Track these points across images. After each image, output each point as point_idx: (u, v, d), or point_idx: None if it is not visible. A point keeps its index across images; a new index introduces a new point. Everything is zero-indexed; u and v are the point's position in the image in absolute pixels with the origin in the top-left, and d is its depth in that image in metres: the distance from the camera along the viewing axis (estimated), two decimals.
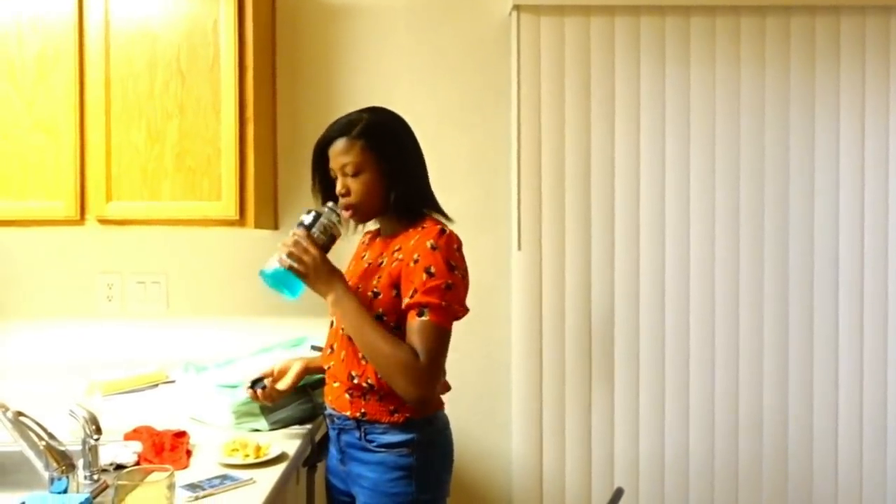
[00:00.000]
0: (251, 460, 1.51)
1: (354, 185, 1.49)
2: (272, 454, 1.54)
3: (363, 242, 1.69)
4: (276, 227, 2.33)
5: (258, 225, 2.08)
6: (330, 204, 1.50)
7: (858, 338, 2.31)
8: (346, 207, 1.51)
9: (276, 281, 1.46)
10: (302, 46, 2.35)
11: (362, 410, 1.49)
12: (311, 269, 1.43)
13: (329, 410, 1.58)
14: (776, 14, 2.29)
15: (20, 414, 1.31)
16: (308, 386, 1.88)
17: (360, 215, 1.53)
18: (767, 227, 2.31)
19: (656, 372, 2.31)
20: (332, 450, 1.62)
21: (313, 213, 1.48)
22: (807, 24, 2.30)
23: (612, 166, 2.30)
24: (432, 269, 1.41)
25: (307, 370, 1.69)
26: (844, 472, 2.31)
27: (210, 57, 2.00)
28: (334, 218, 1.49)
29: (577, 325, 2.30)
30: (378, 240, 1.61)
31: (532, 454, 2.30)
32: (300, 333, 2.22)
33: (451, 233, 1.47)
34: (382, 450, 1.47)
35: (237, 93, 2.01)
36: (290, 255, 1.43)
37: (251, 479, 1.43)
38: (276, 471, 1.49)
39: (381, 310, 1.46)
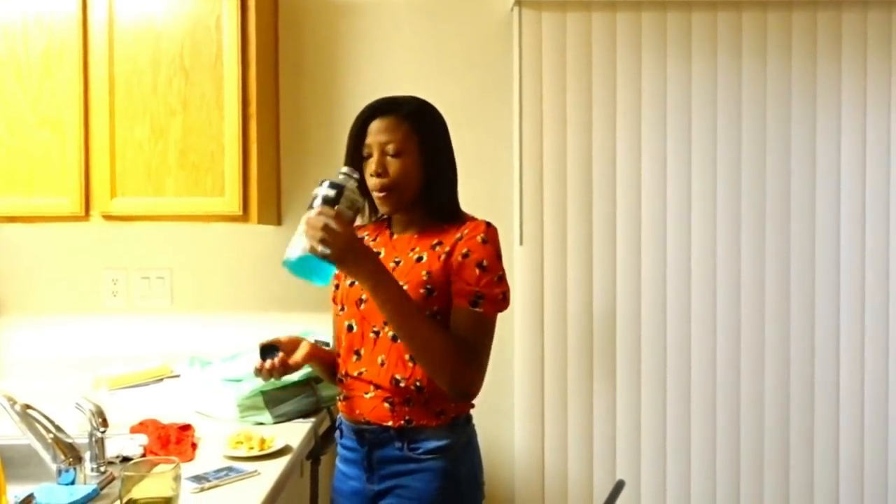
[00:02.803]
0: (256, 453, 1.52)
1: (394, 165, 1.38)
2: (276, 447, 1.56)
3: (383, 239, 1.52)
4: (279, 222, 2.34)
5: (261, 220, 2.09)
6: (345, 170, 1.31)
7: (859, 334, 2.32)
8: (381, 188, 1.39)
9: (304, 269, 1.27)
10: (304, 42, 2.36)
11: (407, 418, 1.38)
12: (345, 251, 1.23)
13: (356, 426, 1.44)
14: (777, 9, 2.30)
15: (28, 407, 1.33)
16: (312, 379, 1.90)
17: (394, 199, 1.41)
18: (768, 222, 2.31)
19: (658, 365, 2.32)
20: (350, 469, 1.47)
21: (334, 185, 1.28)
22: (808, 19, 2.30)
23: (613, 161, 2.31)
24: (485, 263, 1.36)
25: (314, 352, 1.50)
26: (845, 466, 2.32)
27: (213, 53, 2.02)
28: (354, 185, 1.30)
29: (578, 319, 2.31)
30: (395, 238, 1.48)
31: (534, 446, 2.31)
32: (304, 328, 2.23)
33: (496, 227, 1.43)
34: (429, 457, 1.39)
35: (240, 89, 2.02)
36: (321, 239, 1.22)
37: (255, 471, 1.45)
38: (281, 463, 1.51)
39: (436, 307, 1.37)
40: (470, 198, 2.31)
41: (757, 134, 2.31)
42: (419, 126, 1.41)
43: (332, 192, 1.27)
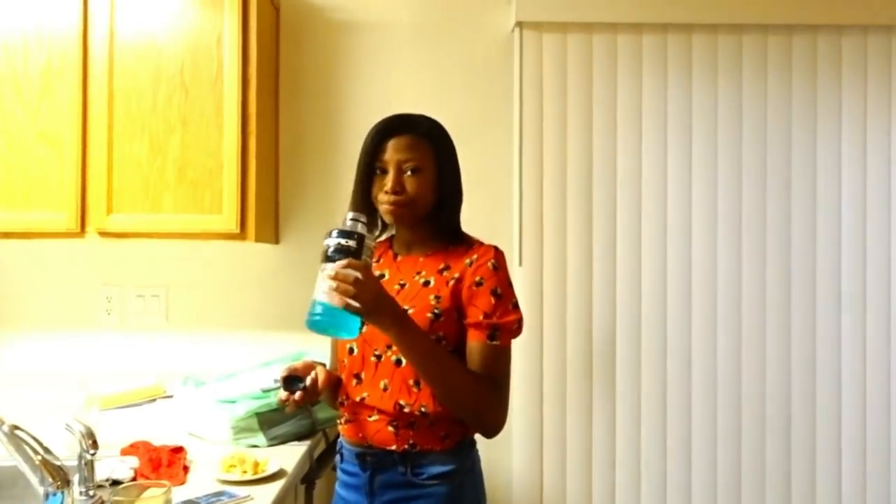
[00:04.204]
0: (249, 476, 1.49)
1: (411, 182, 1.37)
2: (270, 470, 1.53)
3: (387, 261, 1.49)
4: (276, 241, 2.33)
5: (259, 238, 2.08)
6: (352, 215, 1.27)
7: (861, 354, 2.30)
8: (395, 204, 1.37)
9: (332, 325, 1.22)
10: (305, 61, 2.36)
11: (411, 441, 1.36)
12: (376, 303, 1.22)
13: (358, 449, 1.42)
14: (778, 32, 2.30)
15: (16, 428, 1.30)
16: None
17: (407, 215, 1.39)
18: (770, 246, 2.30)
19: (658, 389, 2.29)
20: (351, 495, 1.43)
21: (350, 235, 1.23)
22: (809, 43, 2.31)
23: (613, 182, 2.30)
24: (499, 291, 1.36)
25: (329, 378, 1.44)
26: (848, 490, 2.29)
27: (213, 71, 2.01)
28: (365, 231, 1.26)
29: (578, 341, 2.29)
30: (399, 259, 1.47)
31: (533, 470, 2.28)
32: (300, 348, 2.20)
33: (503, 252, 1.43)
34: (434, 482, 1.36)
35: (240, 106, 2.01)
36: (354, 295, 1.18)
37: (249, 495, 1.42)
38: (274, 487, 1.48)
39: (441, 332, 1.36)
40: (469, 218, 2.29)
41: (757, 157, 2.31)
42: (436, 145, 1.42)
43: (352, 243, 1.23)
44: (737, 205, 2.30)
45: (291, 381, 1.40)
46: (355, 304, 1.18)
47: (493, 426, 1.36)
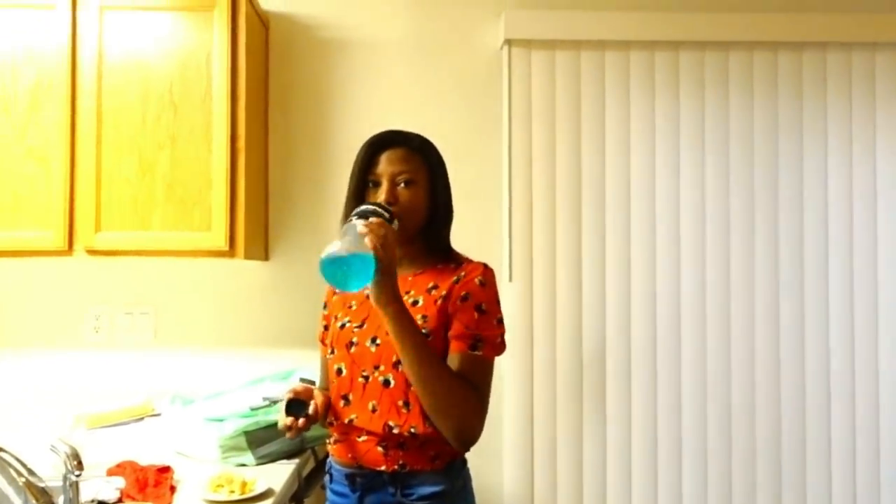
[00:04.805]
0: (237, 496, 1.48)
1: (404, 195, 1.38)
2: (258, 490, 1.51)
3: None
4: (266, 257, 2.32)
5: (248, 256, 2.07)
6: (362, 207, 1.32)
7: (849, 377, 2.31)
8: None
9: (345, 270, 1.21)
10: (294, 78, 2.37)
11: (401, 462, 1.35)
12: (393, 264, 1.25)
13: (347, 470, 1.40)
14: (764, 49, 2.33)
15: None
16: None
17: (400, 228, 1.37)
18: (758, 262, 2.31)
19: (648, 402, 2.29)
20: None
21: (385, 209, 1.31)
22: (794, 60, 2.34)
23: (602, 198, 2.31)
24: (483, 307, 1.35)
25: (327, 401, 1.43)
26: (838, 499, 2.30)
27: (202, 88, 2.01)
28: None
29: (568, 356, 2.28)
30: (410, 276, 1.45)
31: (524, 485, 2.26)
32: (289, 365, 2.20)
33: (493, 269, 1.42)
34: (424, 503, 1.35)
35: (229, 124, 2.01)
36: (382, 243, 1.22)
37: None
38: None
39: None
40: (459, 234, 2.29)
41: (745, 172, 2.33)
42: (429, 160, 1.43)
43: (386, 214, 1.30)
44: (724, 219, 2.31)
45: (295, 406, 1.36)
46: (382, 252, 1.21)
47: (470, 432, 1.32)
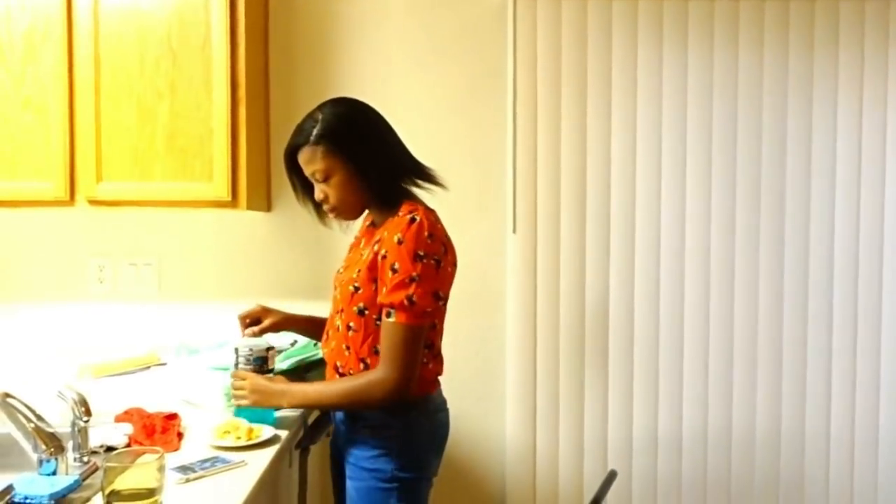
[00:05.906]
0: (243, 443, 1.50)
1: (329, 189, 1.48)
2: (264, 437, 1.53)
3: (362, 229, 1.66)
4: (268, 208, 2.31)
5: (250, 206, 2.06)
6: (241, 340, 1.68)
7: (852, 332, 2.31)
8: (331, 212, 1.53)
9: (252, 413, 1.57)
10: (296, 27, 2.32)
11: None
12: (256, 395, 1.53)
13: None
14: None
15: (7, 395, 1.30)
16: (302, 369, 1.87)
17: (346, 215, 1.54)
18: (763, 213, 2.29)
19: (650, 354, 2.31)
20: (334, 424, 1.68)
21: (235, 354, 1.63)
22: (806, 9, 2.27)
23: (608, 149, 2.28)
24: (396, 266, 1.39)
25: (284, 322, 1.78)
26: (836, 459, 2.32)
27: (202, 35, 1.97)
28: (251, 344, 1.62)
29: (571, 308, 2.29)
30: (371, 228, 1.60)
31: (526, 436, 2.30)
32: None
33: (423, 218, 1.42)
34: (367, 430, 1.50)
35: (229, 72, 1.98)
36: (234, 397, 1.57)
37: (243, 461, 1.42)
38: (268, 453, 1.48)
39: (362, 304, 1.46)
40: (463, 185, 2.30)
41: (753, 122, 2.29)
42: (331, 144, 1.45)
43: (232, 360, 1.63)
44: (731, 173, 2.29)
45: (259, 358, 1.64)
46: (241, 402, 1.55)
47: (379, 404, 1.44)
